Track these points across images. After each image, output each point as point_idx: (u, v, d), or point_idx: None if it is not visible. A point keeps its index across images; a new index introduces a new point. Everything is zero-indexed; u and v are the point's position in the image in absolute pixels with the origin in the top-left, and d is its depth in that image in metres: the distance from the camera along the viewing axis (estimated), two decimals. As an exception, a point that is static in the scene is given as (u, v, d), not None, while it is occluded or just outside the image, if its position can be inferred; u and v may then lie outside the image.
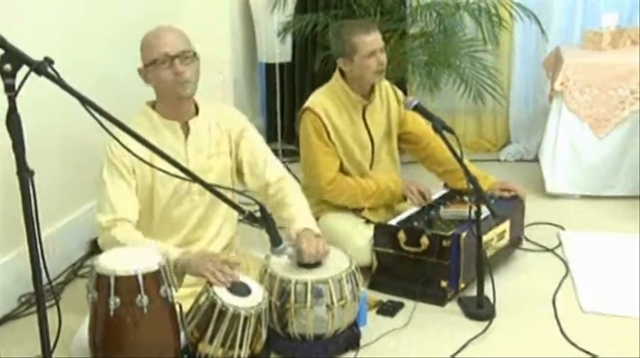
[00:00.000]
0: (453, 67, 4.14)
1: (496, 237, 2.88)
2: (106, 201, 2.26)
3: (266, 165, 2.49)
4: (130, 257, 1.99)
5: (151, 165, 1.93)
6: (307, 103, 2.95)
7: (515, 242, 3.11)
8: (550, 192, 3.98)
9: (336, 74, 2.97)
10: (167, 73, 2.24)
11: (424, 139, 3.15)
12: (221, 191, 2.01)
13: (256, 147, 2.49)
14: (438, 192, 3.12)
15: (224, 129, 2.43)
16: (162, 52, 2.22)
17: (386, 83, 3.09)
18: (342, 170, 2.97)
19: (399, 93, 3.15)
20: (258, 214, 2.05)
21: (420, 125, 3.14)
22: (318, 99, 2.94)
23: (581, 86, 3.94)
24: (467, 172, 2.52)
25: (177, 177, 1.90)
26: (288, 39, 4.62)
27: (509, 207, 3.02)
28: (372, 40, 2.83)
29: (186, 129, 2.36)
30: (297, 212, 2.40)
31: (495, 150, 4.94)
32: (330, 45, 2.99)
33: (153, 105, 2.36)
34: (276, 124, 5.06)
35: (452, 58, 4.15)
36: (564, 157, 3.98)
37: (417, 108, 2.71)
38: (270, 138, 5.23)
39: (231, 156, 2.46)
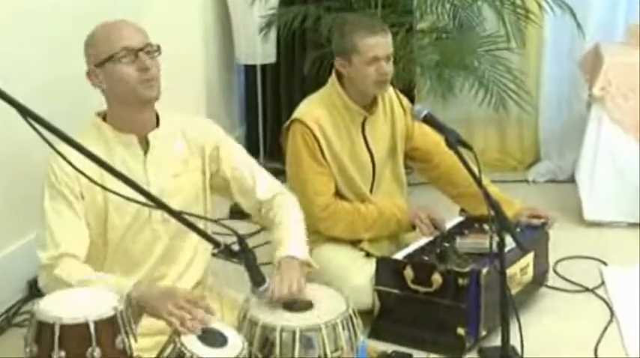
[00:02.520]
0: (469, 69, 4.17)
1: (519, 271, 2.89)
2: (48, 234, 2.24)
3: (255, 180, 2.50)
4: (78, 300, 1.98)
5: (102, 187, 1.92)
6: (296, 113, 2.96)
7: (540, 278, 3.11)
8: (589, 220, 4.00)
9: (332, 78, 2.99)
10: (130, 70, 2.22)
11: (436, 157, 3.16)
12: (191, 219, 2.00)
13: (239, 161, 2.50)
14: (452, 220, 3.13)
15: (193, 142, 2.43)
16: (123, 45, 2.22)
17: (390, 90, 3.10)
18: (337, 194, 2.98)
19: (405, 101, 3.17)
20: (236, 247, 2.04)
21: (430, 139, 3.15)
22: (310, 109, 2.95)
23: (625, 91, 3.97)
24: (487, 195, 2.52)
25: (135, 201, 1.89)
26: (272, 36, 4.65)
27: (533, 237, 3.04)
28: (376, 43, 2.84)
29: (145, 144, 2.35)
30: (284, 234, 2.39)
31: (522, 169, 4.96)
32: (332, 40, 3.02)
33: (104, 116, 2.36)
34: (257, 138, 5.08)
35: (468, 57, 4.19)
36: (606, 177, 4.00)
37: (427, 119, 2.72)
38: (251, 153, 5.23)
39: (203, 174, 2.46)
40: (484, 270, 2.67)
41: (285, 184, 3.05)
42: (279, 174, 5.05)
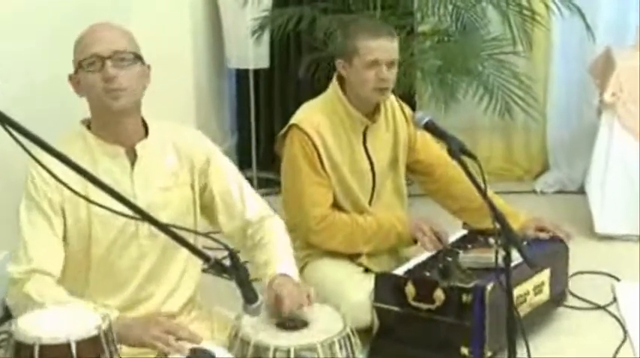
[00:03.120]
0: (473, 74, 4.18)
1: (532, 290, 2.88)
2: (22, 246, 2.22)
3: (245, 202, 2.49)
4: (58, 319, 1.97)
5: (87, 199, 1.91)
6: (295, 119, 2.96)
7: (558, 297, 3.11)
8: (600, 233, 4.00)
9: (334, 83, 3.00)
10: (96, 78, 2.21)
11: (438, 169, 3.16)
12: (179, 233, 2.00)
13: (229, 178, 2.49)
14: (455, 233, 3.13)
15: (183, 155, 2.42)
16: (92, 52, 2.20)
17: (392, 98, 3.11)
18: (335, 205, 2.98)
19: (408, 110, 3.18)
20: (227, 262, 2.04)
21: (433, 152, 3.15)
22: (309, 115, 2.96)
23: (637, 97, 3.99)
24: (492, 207, 2.51)
25: (121, 215, 1.89)
26: (265, 39, 4.66)
27: (549, 251, 3.03)
28: (378, 46, 2.85)
29: (132, 156, 2.35)
30: (274, 254, 2.39)
31: (529, 179, 4.97)
32: (335, 41, 3.04)
33: (89, 124, 2.36)
34: (249, 147, 5.09)
35: (472, 62, 4.20)
36: (618, 188, 4.01)
37: (428, 127, 2.71)
38: (243, 164, 5.25)
39: (192, 189, 2.45)
40: (489, 286, 2.67)
41: (279, 195, 3.05)
42: (272, 185, 5.13)
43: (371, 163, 3.03)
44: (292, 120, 2.95)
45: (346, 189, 2.99)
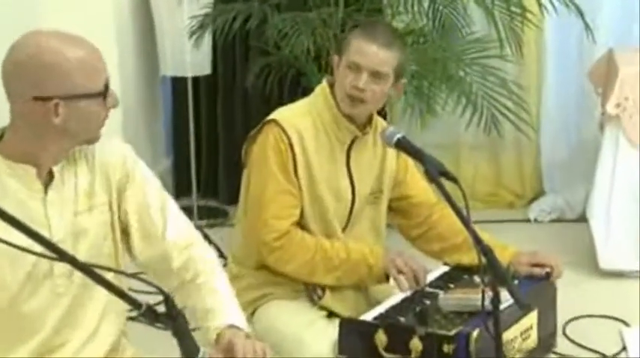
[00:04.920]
0: (454, 81, 4.22)
1: (520, 335, 2.90)
2: None
3: (166, 224, 2.47)
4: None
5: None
6: (275, 114, 2.98)
7: (547, 344, 3.12)
8: (605, 269, 4.04)
9: (322, 84, 3.02)
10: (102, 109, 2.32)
11: (423, 212, 3.18)
12: (103, 273, 1.99)
13: (150, 198, 2.48)
14: (435, 271, 3.14)
15: (99, 169, 2.43)
16: (104, 84, 2.31)
17: (383, 123, 3.15)
18: (301, 224, 2.98)
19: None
20: (161, 308, 2.04)
21: (422, 190, 3.18)
22: (292, 114, 2.98)
23: (645, 107, 4.04)
24: (477, 239, 2.54)
25: (32, 253, 1.88)
26: (206, 41, 4.67)
27: (536, 291, 3.05)
28: (366, 51, 2.88)
29: (47, 178, 2.35)
30: (217, 299, 2.38)
31: (521, 206, 5.01)
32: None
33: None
34: (189, 169, 5.08)
35: (453, 67, 4.24)
36: (624, 215, 4.05)
37: (401, 144, 2.73)
38: (180, 190, 5.24)
39: (111, 210, 2.45)
40: (474, 333, 2.68)
41: (222, 227, 3.04)
42: (216, 214, 5.13)
43: (352, 183, 3.04)
44: (271, 115, 2.97)
45: (319, 207, 2.99)
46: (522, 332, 2.93)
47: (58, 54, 2.27)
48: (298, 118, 2.97)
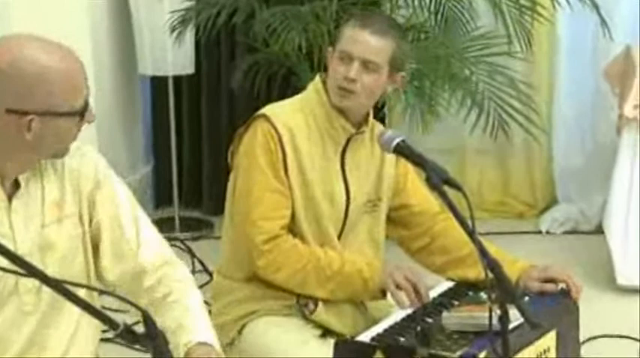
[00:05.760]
0: (458, 80, 4.23)
1: (535, 358, 2.90)
2: None
3: (139, 241, 2.48)
4: None
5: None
6: (265, 110, 2.99)
7: (568, 367, 3.13)
8: (623, 285, 4.05)
9: (316, 80, 3.03)
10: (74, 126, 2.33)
11: (424, 222, 3.18)
12: (73, 288, 2.00)
13: (121, 210, 2.49)
14: (438, 286, 3.15)
15: (68, 177, 2.44)
16: (85, 100, 2.32)
17: (380, 127, 3.15)
18: (294, 230, 2.99)
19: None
20: (139, 328, 2.04)
21: (424, 198, 3.18)
22: (283, 110, 2.99)
23: (666, 109, 4.06)
24: (483, 252, 2.55)
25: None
26: (189, 37, 4.68)
27: (554, 308, 3.06)
28: (357, 39, 2.89)
29: (12, 187, 2.36)
30: (188, 316, 2.39)
31: (532, 216, 5.02)
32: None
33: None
34: (169, 177, 5.08)
35: (457, 65, 4.25)
36: (644, 226, 4.07)
37: (400, 149, 2.74)
38: (161, 200, 5.24)
39: (81, 222, 2.46)
40: (481, 355, 2.68)
41: (205, 240, 3.05)
42: (200, 226, 5.12)
43: (347, 187, 3.05)
44: (261, 111, 2.98)
45: (313, 210, 2.99)
46: (538, 355, 2.93)
47: (41, 66, 2.27)
48: (289, 115, 2.98)
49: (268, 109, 3.00)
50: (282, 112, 3.00)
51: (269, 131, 2.93)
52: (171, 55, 4.75)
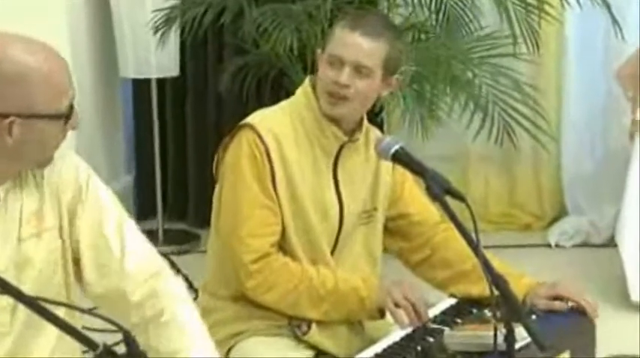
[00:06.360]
0: (460, 83, 4.23)
1: (547, 381, 2.90)
2: None
3: (124, 251, 2.47)
4: None
5: None
6: (249, 119, 2.98)
7: (583, 392, 3.13)
8: (637, 302, 4.05)
9: (305, 84, 3.03)
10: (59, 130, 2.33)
11: (425, 232, 3.17)
12: (51, 307, 1.99)
13: (104, 220, 2.48)
14: (440, 303, 3.15)
15: (48, 191, 2.43)
16: (69, 103, 2.32)
17: (377, 131, 3.15)
18: (284, 247, 2.99)
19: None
20: (121, 349, 2.04)
21: (423, 207, 3.18)
22: (268, 117, 2.98)
23: (681, 113, 4.06)
24: (488, 266, 2.55)
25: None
26: (173, 38, 4.68)
27: (568, 327, 3.05)
28: (347, 41, 2.88)
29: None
30: (184, 338, 2.39)
31: (540, 228, 5.01)
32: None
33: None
34: (152, 187, 5.07)
35: (459, 67, 4.25)
36: (659, 238, 4.07)
37: (398, 157, 2.74)
38: (143, 211, 5.23)
39: (61, 235, 2.46)
40: (486, 376, 2.69)
41: (190, 254, 3.04)
42: (185, 239, 5.11)
43: (339, 198, 3.05)
44: (245, 120, 2.97)
45: (303, 226, 2.99)
46: (551, 378, 2.92)
47: (23, 65, 2.27)
48: (276, 123, 2.97)
49: (254, 118, 2.99)
50: (268, 120, 2.99)
51: (255, 142, 2.91)
52: (155, 57, 4.75)
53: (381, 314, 3.02)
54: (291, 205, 2.96)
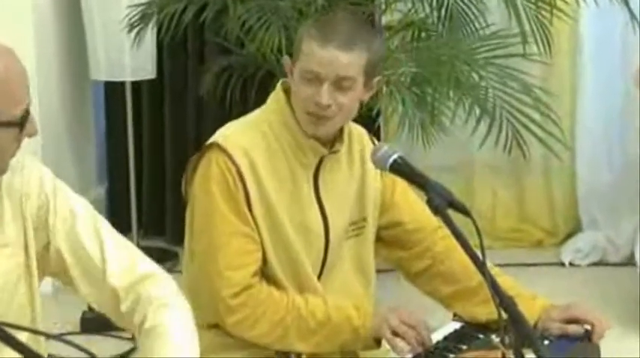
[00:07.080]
0: (465, 86, 4.23)
1: (556, 412, 2.90)
2: None
3: (104, 256, 2.50)
4: None
5: None
6: (217, 136, 2.96)
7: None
8: (659, 325, 4.06)
9: (277, 91, 3.01)
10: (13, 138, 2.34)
11: (423, 238, 3.17)
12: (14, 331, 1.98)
13: (79, 227, 2.50)
14: (443, 328, 3.14)
15: (8, 202, 2.44)
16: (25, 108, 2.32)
17: (360, 130, 3.13)
18: (266, 275, 2.97)
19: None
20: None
21: (419, 212, 3.16)
22: (237, 133, 2.96)
23: None
24: (496, 288, 2.54)
25: None
26: (150, 37, 4.67)
27: (575, 352, 3.05)
28: (322, 57, 2.85)
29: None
30: (164, 347, 2.37)
31: (553, 245, 5.02)
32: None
33: None
34: (127, 199, 5.07)
35: (464, 68, 4.25)
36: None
37: (397, 167, 2.73)
38: (118, 225, 5.12)
39: (26, 251, 2.45)
40: (494, 409, 2.68)
41: (172, 273, 3.01)
42: (163, 258, 5.10)
43: (324, 216, 3.03)
44: (213, 138, 2.95)
45: (285, 250, 2.97)
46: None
47: None
48: (246, 137, 2.95)
49: (222, 133, 2.97)
50: (237, 135, 2.96)
51: (225, 164, 2.89)
52: (129, 57, 4.75)
53: (377, 343, 3.00)
54: (270, 228, 2.94)
